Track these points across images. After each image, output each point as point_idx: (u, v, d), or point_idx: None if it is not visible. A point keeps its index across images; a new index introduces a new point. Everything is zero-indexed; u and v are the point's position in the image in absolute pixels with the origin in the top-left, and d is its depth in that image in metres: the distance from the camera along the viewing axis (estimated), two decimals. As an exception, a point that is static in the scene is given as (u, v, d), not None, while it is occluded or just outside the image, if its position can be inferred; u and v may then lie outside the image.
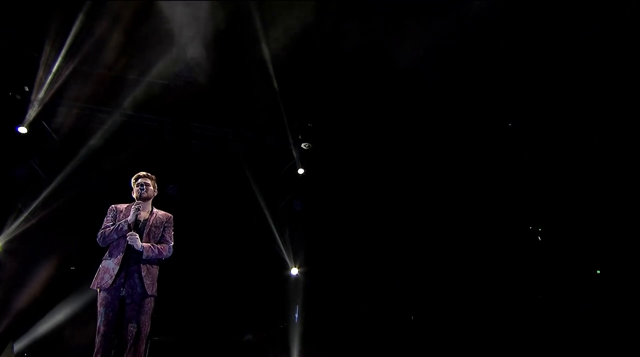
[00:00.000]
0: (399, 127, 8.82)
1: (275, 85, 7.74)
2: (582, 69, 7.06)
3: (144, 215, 4.17)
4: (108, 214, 4.18)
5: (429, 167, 9.36)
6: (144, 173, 4.32)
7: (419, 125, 8.71)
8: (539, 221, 8.48)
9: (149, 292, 3.91)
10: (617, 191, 7.29)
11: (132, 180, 4.31)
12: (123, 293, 3.85)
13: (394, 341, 8.89)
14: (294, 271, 9.40)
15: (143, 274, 3.92)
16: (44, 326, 7.43)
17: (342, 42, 7.06)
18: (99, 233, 4.05)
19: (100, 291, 3.87)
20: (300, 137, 9.01)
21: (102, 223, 4.13)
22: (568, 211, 7.90)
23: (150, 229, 4.12)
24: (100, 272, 3.93)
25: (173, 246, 4.25)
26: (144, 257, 3.95)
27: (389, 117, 8.64)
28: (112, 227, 4.02)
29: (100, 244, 4.05)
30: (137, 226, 4.05)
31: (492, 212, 8.85)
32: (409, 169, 9.44)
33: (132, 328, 3.80)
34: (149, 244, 4.01)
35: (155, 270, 4.08)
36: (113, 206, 4.25)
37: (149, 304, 3.95)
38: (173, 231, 4.33)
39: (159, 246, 4.08)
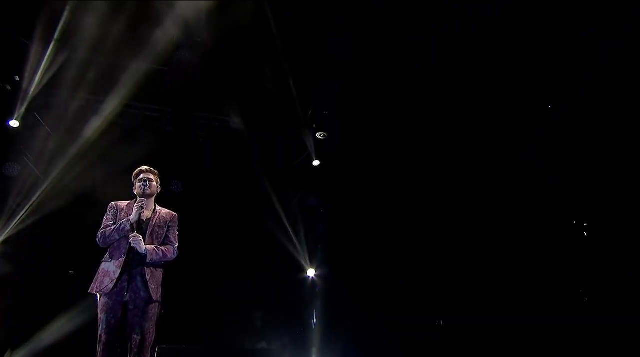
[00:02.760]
0: (415, 120, 8.81)
1: (287, 70, 7.70)
2: (582, 68, 7.20)
3: (147, 213, 4.15)
4: (108, 212, 4.16)
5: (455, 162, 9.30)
6: (146, 168, 4.28)
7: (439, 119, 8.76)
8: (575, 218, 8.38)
9: (154, 298, 3.89)
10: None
11: (134, 175, 4.28)
12: (126, 298, 3.83)
13: (419, 346, 8.81)
14: (311, 272, 9.37)
15: (147, 277, 3.90)
16: (43, 334, 7.52)
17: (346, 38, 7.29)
18: (99, 233, 4.02)
19: (100, 296, 3.85)
20: (314, 126, 8.93)
21: (102, 222, 4.11)
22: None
23: (153, 229, 4.10)
24: (99, 275, 3.91)
25: (178, 247, 4.22)
26: (147, 260, 3.92)
27: (405, 111, 8.64)
28: (113, 227, 3.99)
29: (100, 244, 4.03)
30: (140, 225, 4.03)
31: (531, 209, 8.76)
32: (427, 163, 9.39)
33: (135, 336, 3.79)
34: (152, 247, 3.99)
35: (159, 273, 4.06)
36: (113, 203, 4.23)
37: (154, 310, 3.93)
38: (178, 230, 4.30)
39: (163, 248, 4.06)
